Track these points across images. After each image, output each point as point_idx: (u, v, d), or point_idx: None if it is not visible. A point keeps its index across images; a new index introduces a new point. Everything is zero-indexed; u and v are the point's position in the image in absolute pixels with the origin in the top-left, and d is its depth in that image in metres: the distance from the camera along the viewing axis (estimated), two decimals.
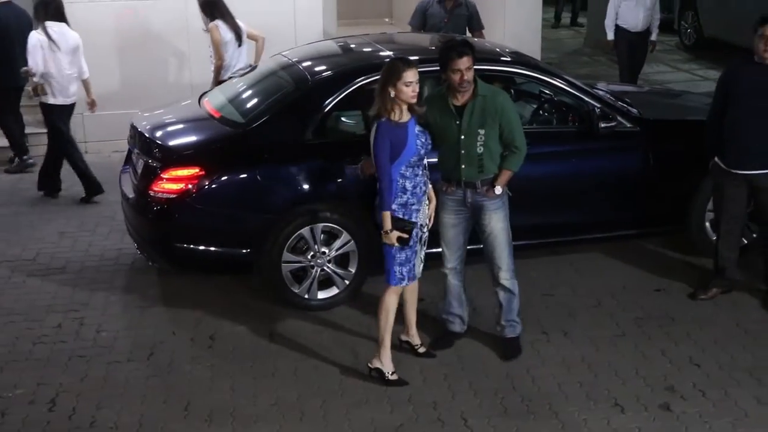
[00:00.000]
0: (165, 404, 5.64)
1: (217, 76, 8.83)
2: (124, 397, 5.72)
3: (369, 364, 5.87)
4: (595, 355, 6.15)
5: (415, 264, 5.76)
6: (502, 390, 5.76)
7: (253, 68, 8.03)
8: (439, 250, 6.13)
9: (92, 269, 7.42)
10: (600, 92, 7.51)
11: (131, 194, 6.92)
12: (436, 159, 6.00)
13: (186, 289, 7.02)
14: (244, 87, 7.39)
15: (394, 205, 5.57)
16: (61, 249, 7.82)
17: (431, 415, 5.51)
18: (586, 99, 7.14)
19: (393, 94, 5.50)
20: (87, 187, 8.87)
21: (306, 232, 6.55)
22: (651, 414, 5.52)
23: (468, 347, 6.24)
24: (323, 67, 7.17)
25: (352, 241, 6.62)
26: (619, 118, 7.16)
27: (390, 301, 5.78)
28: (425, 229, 5.85)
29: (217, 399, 5.68)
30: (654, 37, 11.31)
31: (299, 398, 5.69)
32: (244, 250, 6.56)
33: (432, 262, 6.10)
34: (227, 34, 8.82)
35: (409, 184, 5.61)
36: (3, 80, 9.43)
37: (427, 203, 5.83)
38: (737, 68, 6.64)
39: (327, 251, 6.62)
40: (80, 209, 8.69)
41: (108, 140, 10.08)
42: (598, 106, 7.12)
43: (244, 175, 6.53)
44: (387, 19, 13.72)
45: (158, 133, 6.89)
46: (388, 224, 5.57)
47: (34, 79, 8.59)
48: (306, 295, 6.68)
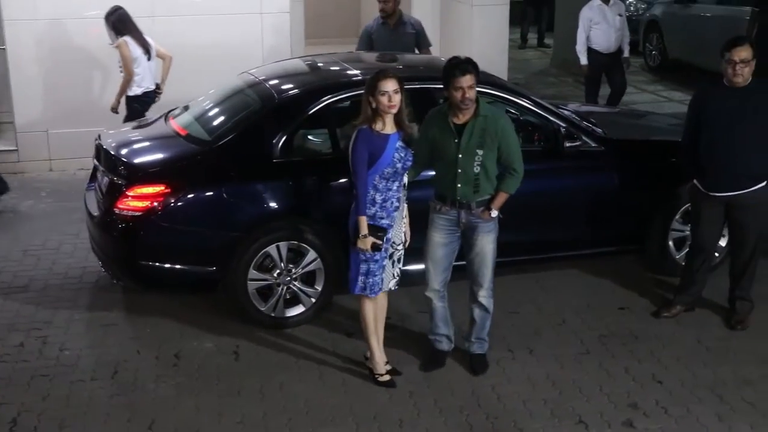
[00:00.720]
0: (129, 423, 5.60)
1: (124, 90, 8.99)
2: (87, 416, 5.67)
3: (366, 362, 6.09)
4: (560, 372, 6.18)
5: (382, 279, 5.82)
6: (467, 407, 5.77)
7: (157, 90, 8.19)
8: (415, 267, 6.16)
9: (56, 287, 7.35)
10: (565, 112, 7.59)
11: (96, 212, 6.90)
12: (434, 175, 6.04)
13: (151, 308, 6.98)
14: (211, 105, 7.39)
15: None
16: (24, 267, 7.75)
17: None
18: (551, 119, 7.21)
19: (374, 104, 5.58)
20: None
21: (272, 249, 6.55)
22: (614, 431, 5.55)
23: None
24: (290, 85, 7.20)
25: (319, 259, 6.65)
26: (583, 137, 7.25)
27: (364, 310, 5.88)
28: (400, 247, 5.90)
29: (181, 418, 5.65)
30: (626, 54, 11.43)
31: (264, 417, 5.67)
32: (210, 268, 6.55)
33: (403, 279, 6.14)
34: (136, 50, 8.96)
35: (379, 197, 5.66)
36: None
37: (404, 221, 5.88)
38: (706, 93, 6.67)
39: (293, 269, 6.65)
40: (45, 227, 8.63)
41: (73, 158, 10.04)
42: (564, 125, 7.20)
43: (210, 193, 6.54)
44: (355, 39, 13.77)
45: (123, 151, 6.88)
46: (364, 228, 5.61)
47: None
48: (272, 313, 6.66)
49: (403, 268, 6.02)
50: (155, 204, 6.40)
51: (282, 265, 6.60)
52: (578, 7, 11.72)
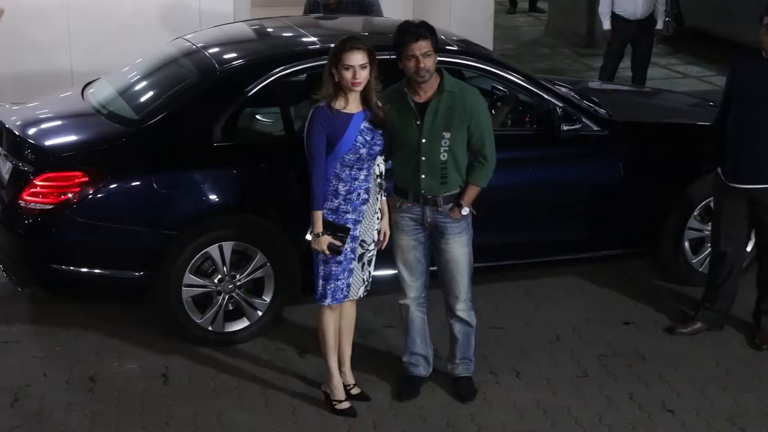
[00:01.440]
0: None
1: None
2: None
3: (322, 387, 6.06)
4: (553, 399, 6.17)
5: (349, 284, 5.81)
6: None
7: None
8: (379, 273, 6.14)
9: None
10: (562, 89, 7.62)
11: None
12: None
13: (62, 321, 6.92)
14: (138, 77, 7.36)
15: (324, 209, 5.64)
16: None
17: None
18: (546, 96, 7.21)
19: (337, 78, 5.58)
20: None
21: (214, 250, 6.54)
22: None
23: None
24: (234, 55, 7.16)
25: (269, 264, 6.62)
26: (584, 119, 7.25)
27: (322, 320, 5.89)
28: (372, 247, 5.90)
29: None
30: (660, 25, 11.37)
31: None
32: (137, 273, 6.51)
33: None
34: None
35: (342, 188, 5.65)
36: None
37: (378, 217, 5.88)
38: (739, 63, 6.71)
39: (237, 275, 6.62)
40: None
41: None
42: (561, 105, 7.19)
43: (137, 183, 6.48)
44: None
45: (31, 131, 6.81)
46: (318, 226, 5.61)
47: None
48: (209, 327, 6.64)
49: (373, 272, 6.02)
50: (69, 195, 6.33)
51: (224, 269, 6.58)
52: None
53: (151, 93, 7.07)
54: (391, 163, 5.97)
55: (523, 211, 7.14)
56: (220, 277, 6.59)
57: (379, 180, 5.85)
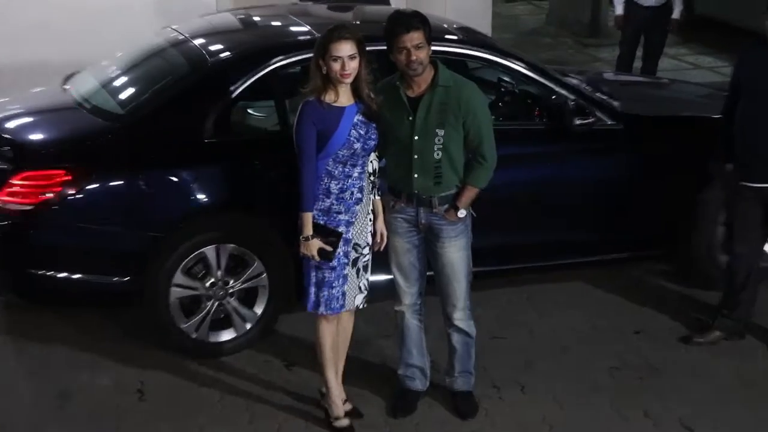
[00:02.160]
0: None
1: None
2: None
3: (321, 401, 6.03)
4: (560, 414, 6.15)
5: (344, 292, 5.76)
6: None
7: None
8: (373, 278, 6.10)
9: None
10: (573, 81, 7.65)
11: None
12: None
13: (32, 331, 6.91)
14: (123, 69, 7.36)
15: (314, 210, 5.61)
16: None
17: None
18: (557, 89, 7.25)
19: (324, 70, 5.55)
20: None
21: (210, 252, 6.52)
22: None
23: None
24: (226, 45, 7.20)
25: (265, 275, 6.60)
26: (597, 112, 7.27)
27: (319, 331, 5.85)
28: (366, 251, 5.84)
29: None
30: (677, 14, 11.42)
31: None
32: (121, 278, 6.47)
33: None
34: None
35: (335, 186, 5.60)
36: None
37: (370, 218, 5.84)
38: (748, 54, 6.71)
39: (231, 282, 6.60)
40: None
41: None
42: (572, 97, 7.21)
43: (123, 182, 6.46)
44: None
45: (8, 126, 6.81)
46: (308, 229, 5.57)
47: None
48: (193, 334, 6.59)
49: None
50: (50, 195, 6.28)
51: (218, 274, 6.56)
52: None
53: (137, 86, 7.08)
54: (384, 161, 5.95)
55: (531, 211, 7.16)
56: (212, 281, 6.56)
57: (372, 178, 5.79)
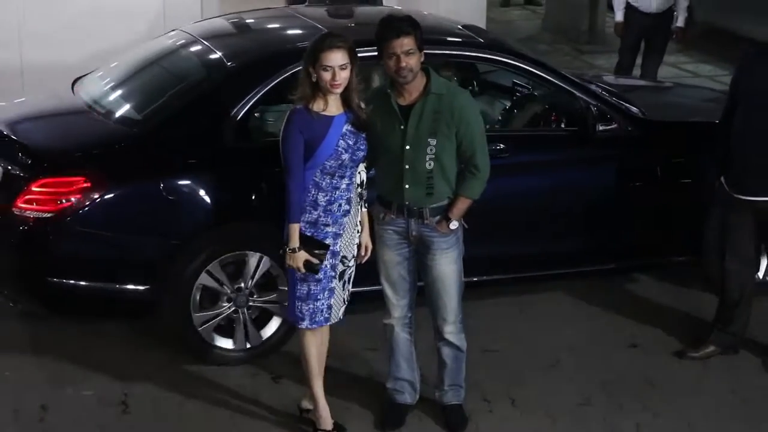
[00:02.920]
0: None
1: None
2: None
3: (309, 414, 6.03)
4: (552, 429, 6.18)
5: (330, 306, 5.78)
6: None
7: None
8: (358, 288, 6.11)
9: None
10: (592, 86, 7.71)
11: None
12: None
13: (10, 343, 6.90)
14: (134, 72, 7.36)
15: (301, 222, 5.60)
16: None
17: None
18: (578, 94, 7.30)
19: (314, 78, 5.54)
20: None
21: (253, 257, 6.57)
22: None
23: None
24: (245, 48, 7.25)
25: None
26: (619, 119, 7.33)
27: (304, 344, 5.84)
28: (352, 263, 5.86)
29: None
30: (680, 22, 11.43)
31: None
32: (142, 287, 6.48)
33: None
34: None
35: (322, 198, 5.61)
36: None
37: (358, 230, 5.85)
38: (747, 61, 6.70)
39: (255, 296, 6.65)
40: None
41: None
42: (594, 103, 7.27)
43: (145, 189, 6.47)
44: None
45: (22, 130, 6.83)
46: (294, 241, 5.57)
47: None
48: (199, 326, 6.56)
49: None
50: (71, 202, 6.28)
51: (250, 282, 6.61)
52: None
53: (152, 90, 7.07)
54: (374, 171, 5.94)
55: (550, 218, 7.25)
56: (241, 286, 6.60)
57: (360, 190, 5.80)
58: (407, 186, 5.75)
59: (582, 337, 7.19)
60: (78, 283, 6.46)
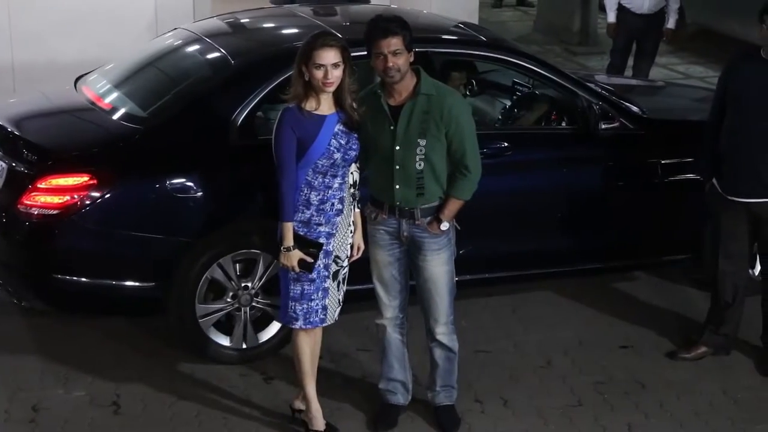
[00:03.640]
0: None
1: None
2: None
3: (302, 414, 6.01)
4: (544, 430, 6.18)
5: (325, 306, 5.79)
6: None
7: None
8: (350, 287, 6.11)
9: None
10: (593, 85, 7.75)
11: None
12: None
13: (4, 339, 6.89)
14: (139, 69, 7.37)
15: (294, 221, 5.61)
16: None
17: None
18: (580, 93, 7.33)
19: (307, 76, 5.55)
20: None
21: (265, 256, 6.55)
22: None
23: None
24: (250, 45, 7.28)
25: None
26: (621, 117, 7.37)
27: (297, 344, 5.86)
28: (345, 263, 5.88)
29: None
30: (671, 24, 11.45)
31: None
32: (148, 284, 6.51)
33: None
34: None
35: (315, 197, 5.62)
36: None
37: (350, 230, 5.87)
38: (736, 64, 6.70)
39: (259, 297, 6.67)
40: None
41: None
42: (597, 101, 7.30)
43: (150, 186, 6.47)
44: None
45: (27, 128, 6.84)
46: (288, 240, 5.59)
47: None
48: (200, 318, 6.56)
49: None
50: (76, 199, 6.29)
51: (257, 283, 6.62)
52: None
53: (156, 87, 7.10)
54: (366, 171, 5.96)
55: (559, 215, 7.31)
56: (248, 284, 6.61)
57: (352, 190, 5.81)
58: (398, 186, 5.76)
59: (574, 338, 7.20)
60: (83, 280, 6.48)
